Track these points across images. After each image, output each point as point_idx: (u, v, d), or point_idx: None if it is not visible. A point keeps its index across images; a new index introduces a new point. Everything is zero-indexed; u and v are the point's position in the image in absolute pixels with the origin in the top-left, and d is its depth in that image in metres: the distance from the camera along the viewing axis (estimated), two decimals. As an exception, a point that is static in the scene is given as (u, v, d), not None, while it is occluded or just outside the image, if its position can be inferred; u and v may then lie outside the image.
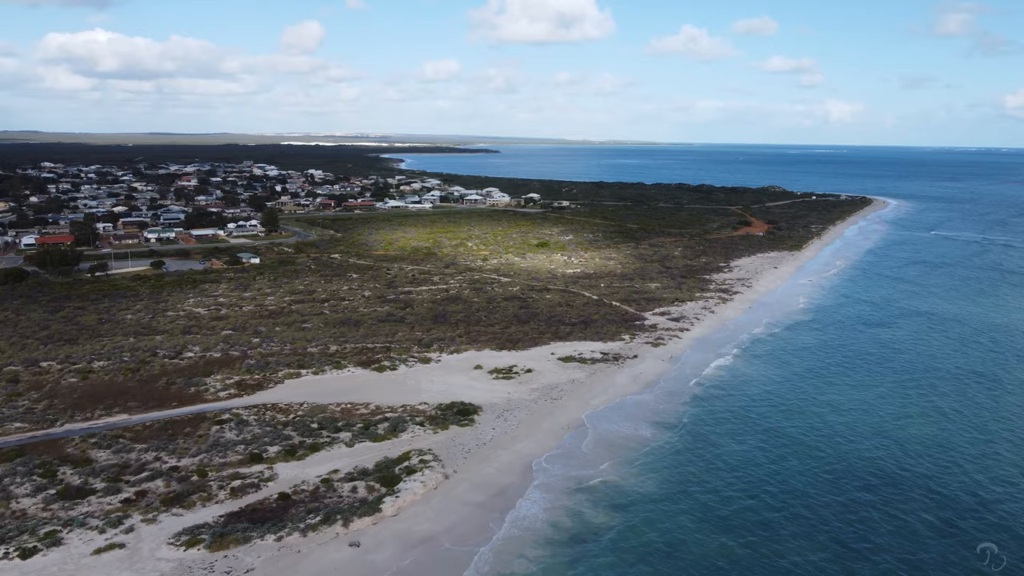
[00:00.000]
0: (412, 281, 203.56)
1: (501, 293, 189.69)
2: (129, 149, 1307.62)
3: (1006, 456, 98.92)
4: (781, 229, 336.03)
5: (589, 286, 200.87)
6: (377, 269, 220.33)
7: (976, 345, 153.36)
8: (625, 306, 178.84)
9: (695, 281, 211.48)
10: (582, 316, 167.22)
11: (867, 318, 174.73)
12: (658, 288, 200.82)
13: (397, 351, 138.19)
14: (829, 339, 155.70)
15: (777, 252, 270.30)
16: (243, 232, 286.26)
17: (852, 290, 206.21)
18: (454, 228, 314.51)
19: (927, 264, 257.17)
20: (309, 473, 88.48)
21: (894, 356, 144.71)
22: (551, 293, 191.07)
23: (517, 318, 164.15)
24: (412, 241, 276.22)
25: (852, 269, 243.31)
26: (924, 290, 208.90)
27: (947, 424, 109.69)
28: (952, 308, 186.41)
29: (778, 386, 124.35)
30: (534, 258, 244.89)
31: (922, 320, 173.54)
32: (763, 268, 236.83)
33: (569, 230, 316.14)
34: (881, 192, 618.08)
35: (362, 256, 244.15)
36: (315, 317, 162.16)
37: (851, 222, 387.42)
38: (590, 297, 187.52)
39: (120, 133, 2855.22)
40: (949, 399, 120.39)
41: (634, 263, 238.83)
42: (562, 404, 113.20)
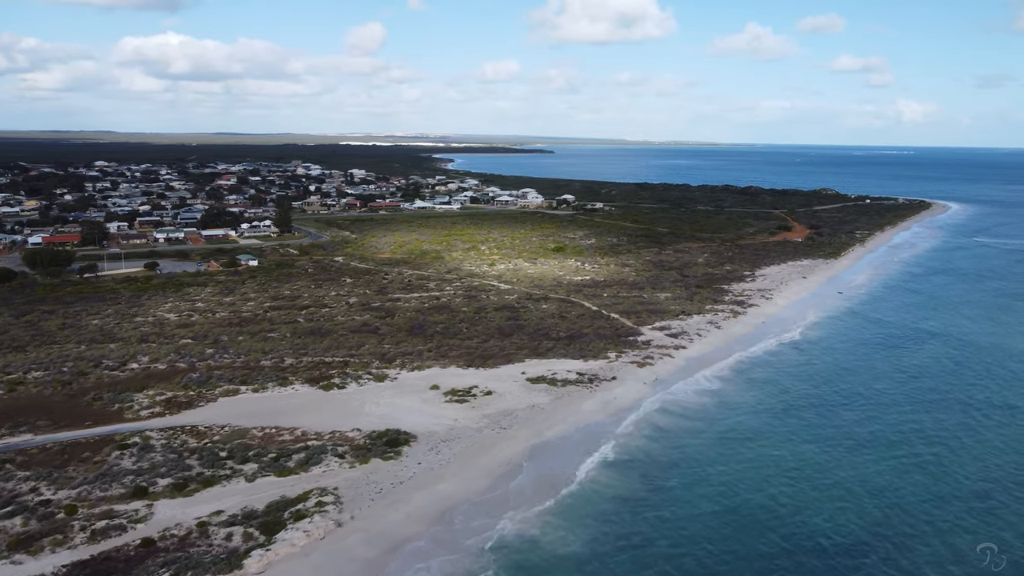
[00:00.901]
0: (405, 287, 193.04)
1: (495, 302, 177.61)
2: (191, 148, 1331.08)
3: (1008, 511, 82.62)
4: (822, 235, 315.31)
5: (593, 295, 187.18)
6: (375, 274, 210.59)
7: (997, 385, 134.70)
8: (623, 319, 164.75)
9: (710, 291, 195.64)
10: (572, 329, 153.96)
11: (885, 340, 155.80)
12: (667, 299, 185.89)
13: (355, 366, 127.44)
14: (836, 364, 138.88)
15: (811, 260, 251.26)
16: (256, 233, 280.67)
17: (878, 307, 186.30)
18: (474, 230, 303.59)
19: (972, 277, 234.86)
20: (190, 513, 78.03)
21: (903, 390, 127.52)
22: (548, 303, 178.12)
23: (500, 331, 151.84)
24: (424, 244, 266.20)
25: (888, 281, 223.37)
26: (959, 309, 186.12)
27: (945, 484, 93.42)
28: (982, 333, 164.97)
29: (760, 424, 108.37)
30: (545, 264, 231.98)
31: (949, 349, 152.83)
32: (790, 278, 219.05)
33: (593, 233, 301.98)
34: (944, 195, 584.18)
35: (366, 259, 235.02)
36: (285, 326, 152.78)
37: (902, 227, 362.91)
38: (589, 308, 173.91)
39: (189, 133, 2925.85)
40: (945, 447, 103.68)
41: (650, 270, 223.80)
42: (510, 434, 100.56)
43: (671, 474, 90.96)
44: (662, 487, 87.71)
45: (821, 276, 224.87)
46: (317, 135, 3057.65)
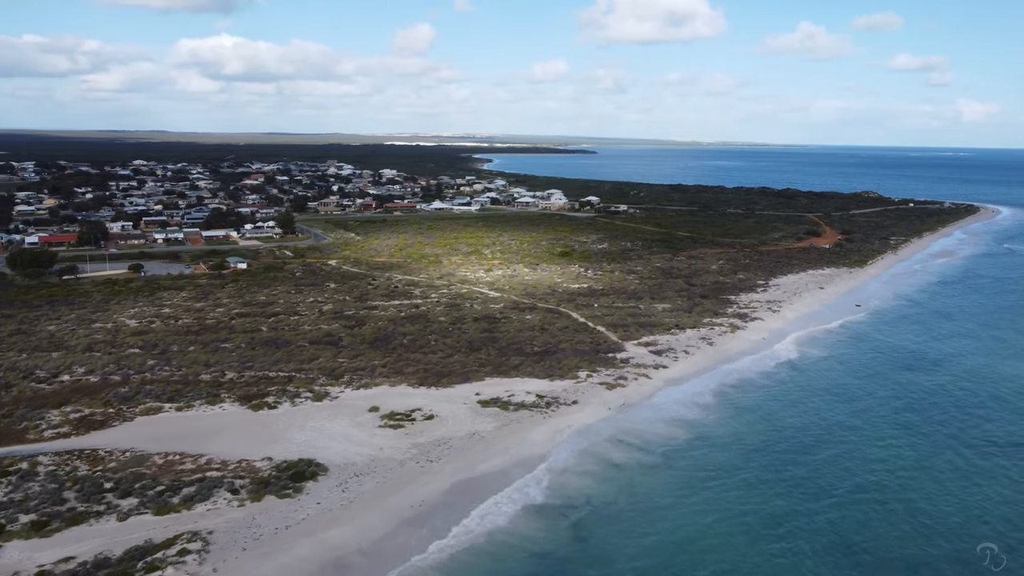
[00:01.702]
0: (388, 294, 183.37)
1: (477, 311, 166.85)
2: (236, 148, 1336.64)
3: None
4: (853, 241, 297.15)
5: (584, 305, 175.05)
6: (363, 279, 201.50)
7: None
8: (609, 332, 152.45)
9: (714, 302, 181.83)
10: (548, 344, 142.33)
11: (892, 364, 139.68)
12: (664, 310, 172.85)
13: (299, 383, 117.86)
14: (830, 391, 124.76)
15: (834, 269, 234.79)
16: (258, 234, 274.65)
17: (894, 325, 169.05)
18: (484, 233, 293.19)
19: (1009, 293, 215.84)
20: (36, 559, 69.00)
21: (896, 421, 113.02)
22: (534, 313, 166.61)
23: (470, 344, 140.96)
24: (427, 247, 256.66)
25: (913, 295, 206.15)
26: (984, 333, 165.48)
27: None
28: (1004, 362, 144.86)
29: (726, 461, 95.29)
30: (546, 270, 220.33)
31: (961, 379, 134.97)
32: (806, 288, 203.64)
33: (607, 237, 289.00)
34: (997, 199, 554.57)
35: (361, 263, 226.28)
36: (244, 335, 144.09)
37: (943, 234, 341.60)
38: (575, 319, 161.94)
39: (240, 133, 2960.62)
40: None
41: (655, 278, 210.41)
42: (436, 468, 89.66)
43: (604, 525, 79.01)
44: (590, 540, 75.90)
45: (841, 287, 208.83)
46: (365, 135, 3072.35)
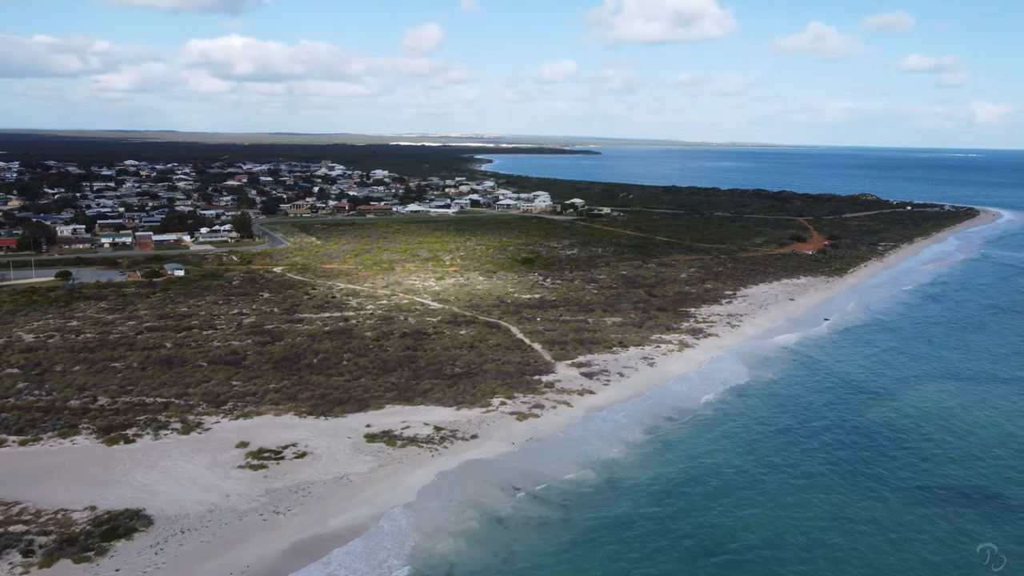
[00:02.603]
0: (321, 305, 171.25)
1: (411, 325, 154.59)
2: (239, 148, 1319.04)
3: None
4: (839, 247, 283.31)
5: (529, 318, 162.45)
6: (302, 288, 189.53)
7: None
8: (544, 350, 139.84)
9: (670, 316, 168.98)
10: (472, 364, 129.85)
11: (845, 391, 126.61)
12: (613, 324, 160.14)
13: (174, 411, 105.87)
14: (768, 424, 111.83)
15: (810, 277, 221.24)
16: (212, 238, 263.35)
17: (858, 344, 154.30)
18: (451, 237, 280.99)
19: (989, 309, 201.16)
20: None
21: (828, 465, 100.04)
22: (470, 328, 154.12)
23: (384, 365, 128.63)
24: (384, 252, 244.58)
25: (889, 308, 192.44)
26: (956, 359, 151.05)
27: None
28: (962, 395, 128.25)
29: (616, 519, 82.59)
30: (502, 278, 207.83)
31: (911, 417, 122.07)
32: (775, 300, 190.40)
33: (580, 243, 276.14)
34: (1000, 202, 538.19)
35: (307, 270, 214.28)
36: (141, 353, 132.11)
37: (936, 239, 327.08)
38: (513, 335, 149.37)
39: (248, 133, 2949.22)
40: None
41: (616, 288, 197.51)
42: (279, 523, 77.31)
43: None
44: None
45: (813, 298, 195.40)
46: (373, 136, 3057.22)
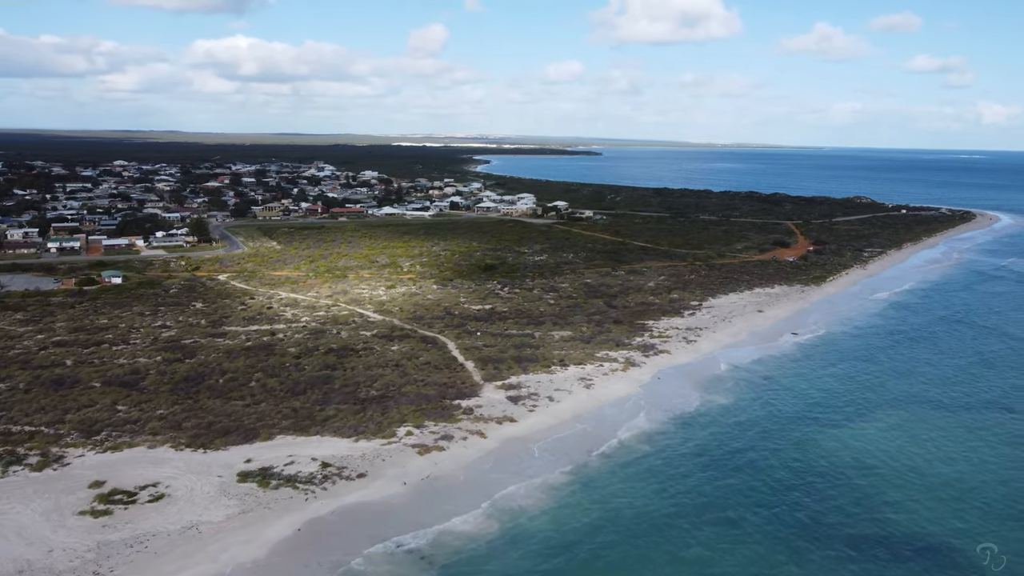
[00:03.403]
0: (252, 317, 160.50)
1: (341, 340, 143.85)
2: (243, 148, 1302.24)
3: None
4: (823, 253, 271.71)
5: (470, 332, 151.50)
6: (239, 297, 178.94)
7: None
8: (476, 370, 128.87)
9: (624, 329, 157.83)
10: (390, 386, 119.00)
11: (772, 434, 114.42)
12: (561, 339, 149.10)
13: (39, 441, 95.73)
14: (698, 464, 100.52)
15: (786, 286, 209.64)
16: (167, 242, 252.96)
17: (812, 368, 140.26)
18: (419, 242, 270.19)
19: (966, 327, 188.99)
20: None
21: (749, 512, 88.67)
22: (404, 343, 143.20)
23: (293, 387, 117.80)
24: (342, 259, 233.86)
25: (861, 323, 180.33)
26: (909, 385, 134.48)
27: None
28: (914, 441, 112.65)
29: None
30: (457, 286, 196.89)
31: (849, 456, 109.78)
32: (743, 311, 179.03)
33: (552, 248, 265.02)
34: (999, 205, 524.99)
35: (254, 277, 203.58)
36: (32, 372, 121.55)
37: (927, 244, 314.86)
38: (447, 351, 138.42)
39: (252, 133, 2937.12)
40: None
41: (575, 298, 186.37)
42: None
43: None
44: None
45: (784, 309, 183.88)
46: (378, 136, 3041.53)
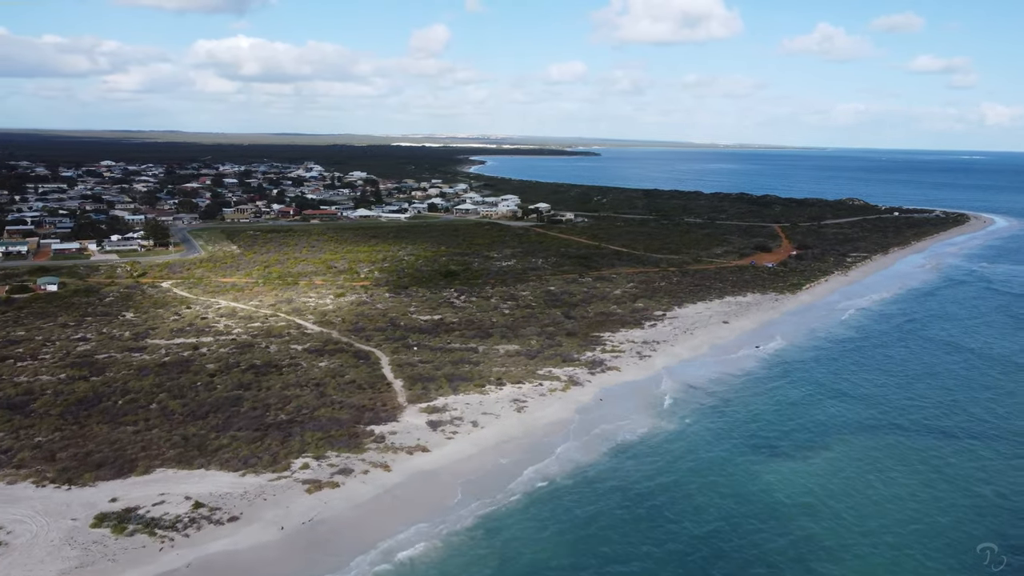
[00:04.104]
0: (182, 329, 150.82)
1: (266, 356, 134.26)
2: (240, 148, 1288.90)
3: None
4: (804, 258, 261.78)
5: (411, 345, 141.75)
6: (176, 307, 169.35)
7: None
8: (404, 389, 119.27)
9: (577, 342, 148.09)
10: (303, 409, 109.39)
11: (707, 473, 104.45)
12: (506, 354, 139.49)
13: None
14: (605, 512, 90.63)
15: (758, 295, 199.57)
16: (121, 246, 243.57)
17: (767, 392, 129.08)
18: (385, 247, 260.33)
19: (940, 345, 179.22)
20: None
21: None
22: (335, 358, 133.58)
23: (196, 410, 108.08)
24: (299, 264, 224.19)
25: (828, 338, 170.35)
26: (871, 416, 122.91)
27: None
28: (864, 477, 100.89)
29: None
30: (411, 294, 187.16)
31: (782, 505, 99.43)
32: (708, 322, 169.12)
33: (523, 252, 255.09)
34: (997, 207, 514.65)
35: (200, 284, 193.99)
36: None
37: (915, 249, 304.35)
38: (378, 369, 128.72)
39: (256, 133, 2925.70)
40: None
41: (533, 307, 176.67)
42: None
43: None
44: None
45: (751, 320, 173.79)
46: (380, 136, 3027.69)
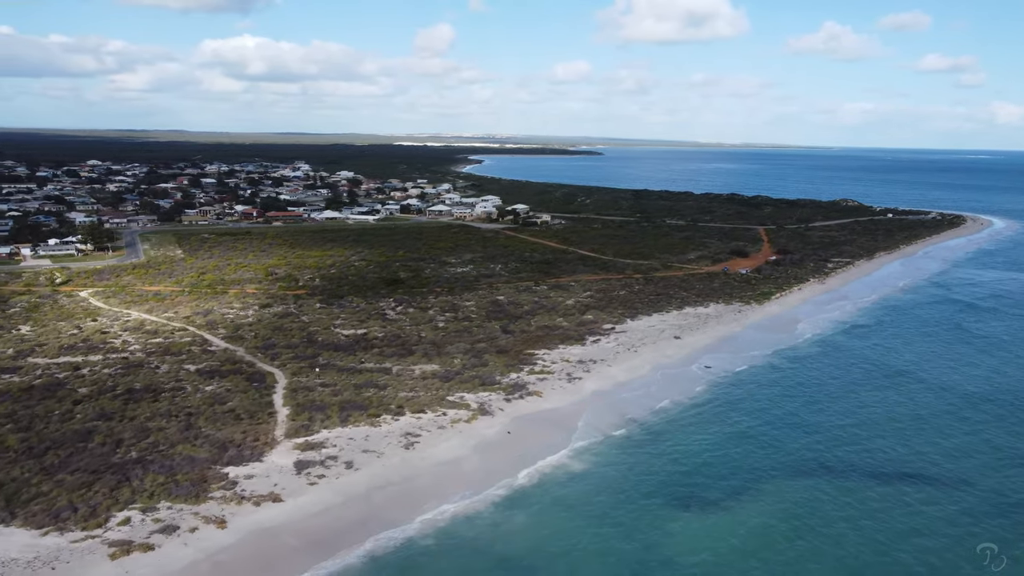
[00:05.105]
0: (74, 346, 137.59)
1: (151, 377, 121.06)
2: (239, 147, 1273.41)
3: None
4: (782, 263, 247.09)
5: (319, 365, 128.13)
6: (79, 319, 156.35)
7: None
8: (287, 420, 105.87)
9: (504, 362, 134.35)
10: (160, 445, 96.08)
11: (614, 528, 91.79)
12: (421, 375, 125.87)
13: None
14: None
15: (722, 305, 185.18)
16: (57, 250, 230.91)
17: (703, 423, 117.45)
18: (339, 251, 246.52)
19: (905, 381, 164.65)
20: None
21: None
22: (225, 381, 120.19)
23: (35, 447, 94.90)
24: (239, 270, 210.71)
25: (788, 356, 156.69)
26: (813, 456, 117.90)
27: None
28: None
29: None
30: (344, 305, 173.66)
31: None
32: (657, 337, 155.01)
33: (484, 258, 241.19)
34: (998, 208, 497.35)
35: (119, 294, 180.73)
36: None
37: (903, 253, 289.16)
38: (267, 396, 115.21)
39: (261, 133, 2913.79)
40: None
41: (471, 320, 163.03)
42: None
43: None
44: None
45: (707, 335, 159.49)
46: (383, 135, 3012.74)
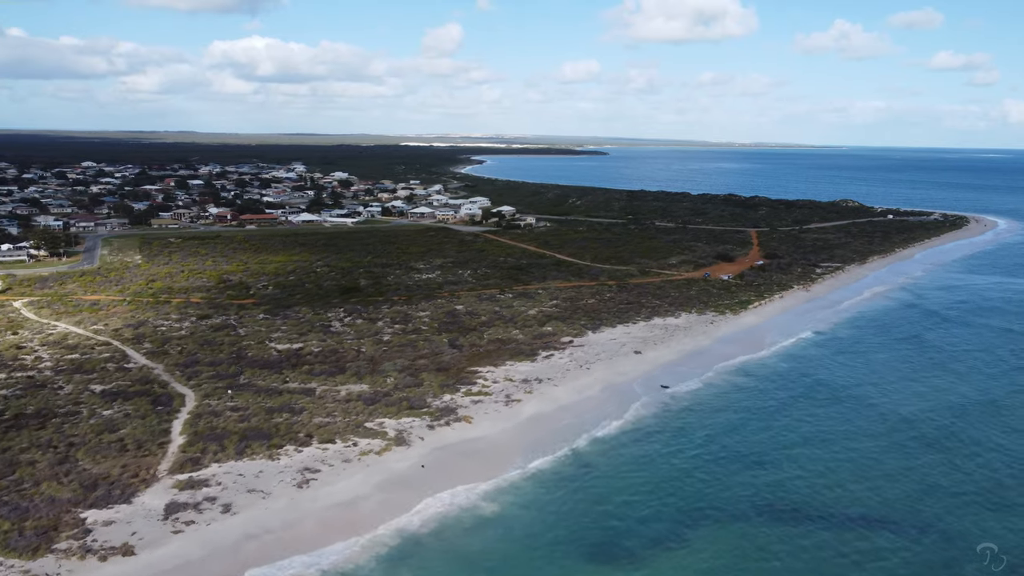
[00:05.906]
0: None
1: (51, 399, 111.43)
2: (242, 148, 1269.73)
3: None
4: (767, 269, 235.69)
5: (238, 385, 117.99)
6: (8, 332, 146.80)
7: None
8: (179, 451, 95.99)
9: (442, 380, 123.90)
10: (21, 485, 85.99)
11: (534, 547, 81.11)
12: (345, 397, 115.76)
13: None
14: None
15: (695, 315, 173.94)
16: (7, 257, 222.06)
17: (651, 457, 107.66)
18: (304, 256, 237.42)
19: (866, 402, 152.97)
20: None
21: None
22: (126, 403, 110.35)
23: None
24: (190, 277, 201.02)
25: (757, 374, 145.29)
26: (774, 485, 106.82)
27: None
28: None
29: None
30: (291, 315, 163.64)
31: None
32: (616, 352, 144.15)
33: (455, 263, 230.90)
34: (1004, 209, 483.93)
35: (56, 303, 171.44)
36: None
37: (898, 257, 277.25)
38: (166, 421, 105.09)
39: (270, 133, 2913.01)
40: None
41: (420, 333, 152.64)
42: None
43: None
44: None
45: (673, 349, 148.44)
46: (393, 135, 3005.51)
